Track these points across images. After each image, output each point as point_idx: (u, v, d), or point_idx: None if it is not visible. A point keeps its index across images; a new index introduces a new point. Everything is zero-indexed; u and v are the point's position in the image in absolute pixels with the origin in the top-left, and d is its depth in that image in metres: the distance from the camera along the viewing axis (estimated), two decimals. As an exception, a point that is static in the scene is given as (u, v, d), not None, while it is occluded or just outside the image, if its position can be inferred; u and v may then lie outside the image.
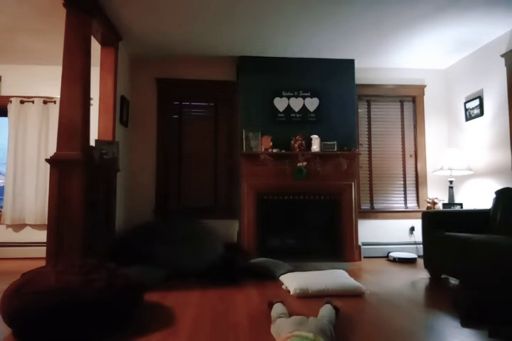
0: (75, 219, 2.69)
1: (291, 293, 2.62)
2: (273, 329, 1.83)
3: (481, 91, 3.95)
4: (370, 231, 4.39)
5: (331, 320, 1.90)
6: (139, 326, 1.99)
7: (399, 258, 4.04)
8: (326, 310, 2.02)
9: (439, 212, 3.48)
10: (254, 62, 4.24)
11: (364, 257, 4.21)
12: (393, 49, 4.07)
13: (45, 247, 2.68)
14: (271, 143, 4.02)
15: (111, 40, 3.62)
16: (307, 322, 1.76)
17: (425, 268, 3.38)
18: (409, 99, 4.65)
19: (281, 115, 4.20)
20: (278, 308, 2.04)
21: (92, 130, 3.03)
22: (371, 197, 4.50)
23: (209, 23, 3.47)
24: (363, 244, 4.28)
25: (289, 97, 4.22)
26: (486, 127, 3.87)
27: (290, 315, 1.96)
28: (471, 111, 4.09)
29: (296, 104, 4.22)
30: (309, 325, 1.69)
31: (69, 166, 2.71)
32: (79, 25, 2.89)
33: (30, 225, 4.23)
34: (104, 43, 3.62)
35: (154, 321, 2.09)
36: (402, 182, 4.55)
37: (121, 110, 3.90)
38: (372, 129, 4.57)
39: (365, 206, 4.48)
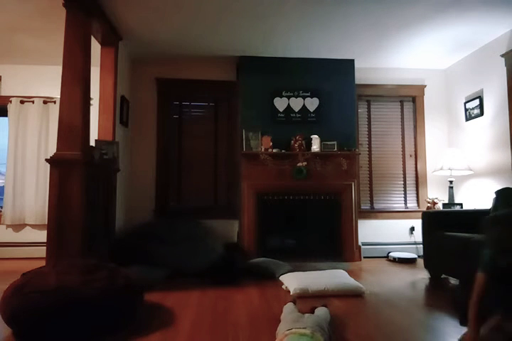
0: (75, 219, 2.69)
1: (291, 293, 2.62)
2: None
3: (481, 91, 3.95)
4: (370, 231, 4.39)
5: (326, 319, 1.90)
6: (139, 326, 1.99)
7: (399, 258, 4.04)
8: (321, 311, 2.02)
9: (439, 212, 3.48)
10: (254, 62, 4.24)
11: (364, 257, 4.21)
12: (393, 49, 4.07)
13: (45, 247, 2.67)
14: (271, 143, 4.02)
15: (111, 40, 3.62)
16: (303, 318, 1.76)
17: (425, 268, 3.38)
18: (409, 99, 4.65)
19: (281, 115, 4.20)
20: (288, 308, 2.04)
21: (92, 130, 3.02)
22: (371, 197, 4.50)
23: (209, 23, 3.47)
24: (363, 244, 4.28)
25: (289, 97, 4.22)
26: (486, 127, 3.87)
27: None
28: (471, 111, 4.09)
29: (296, 104, 4.22)
30: (306, 321, 1.69)
31: (69, 166, 2.71)
32: (79, 25, 2.88)
33: (30, 225, 4.23)
34: (104, 43, 3.62)
35: (154, 321, 2.09)
36: (402, 182, 4.55)
37: (121, 110, 3.90)
38: (372, 129, 4.57)
39: (365, 206, 4.48)
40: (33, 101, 4.26)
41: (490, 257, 1.82)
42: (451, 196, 4.06)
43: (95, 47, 3.43)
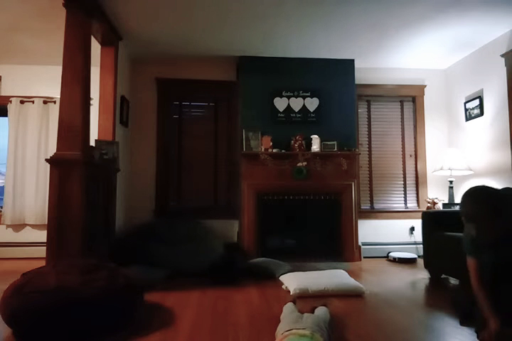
0: (75, 219, 2.69)
1: (291, 293, 2.62)
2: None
3: (481, 91, 3.95)
4: (370, 231, 4.39)
5: (326, 319, 1.90)
6: (139, 326, 1.99)
7: (399, 258, 4.04)
8: (320, 311, 2.02)
9: (439, 212, 3.48)
10: (254, 62, 4.24)
11: (364, 257, 4.21)
12: (393, 49, 4.07)
13: (45, 247, 2.67)
14: (271, 143, 4.02)
15: (111, 40, 3.62)
16: (303, 318, 1.76)
17: (425, 268, 3.38)
18: (409, 99, 4.65)
19: (282, 115, 4.20)
20: (288, 308, 2.04)
21: (92, 130, 3.02)
22: (371, 197, 4.50)
23: (209, 23, 3.47)
24: (363, 244, 4.28)
25: (289, 97, 4.22)
26: (486, 127, 3.87)
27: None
28: (471, 111, 4.09)
29: (296, 104, 4.22)
30: (305, 322, 1.69)
31: (69, 166, 2.71)
32: (79, 25, 2.88)
33: (30, 225, 4.23)
34: (104, 43, 3.62)
35: (154, 321, 2.09)
36: (402, 182, 4.55)
37: (121, 110, 3.90)
38: (372, 129, 4.57)
39: (365, 206, 4.48)
40: (33, 101, 4.26)
41: (470, 239, 1.84)
42: (451, 196, 4.06)
43: (95, 47, 3.43)
